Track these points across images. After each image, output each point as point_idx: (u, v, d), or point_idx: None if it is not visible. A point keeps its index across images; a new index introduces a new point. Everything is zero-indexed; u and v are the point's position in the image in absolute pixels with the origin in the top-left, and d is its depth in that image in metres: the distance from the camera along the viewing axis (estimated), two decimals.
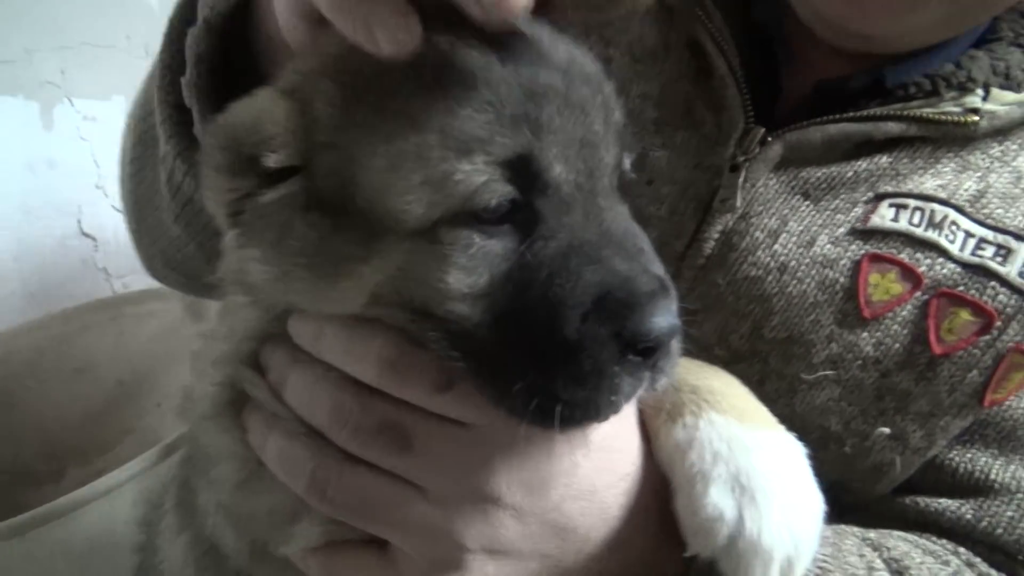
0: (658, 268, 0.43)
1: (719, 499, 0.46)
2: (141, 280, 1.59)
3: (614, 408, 0.42)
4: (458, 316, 0.41)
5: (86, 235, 1.48)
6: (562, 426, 0.41)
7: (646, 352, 0.41)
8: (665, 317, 0.41)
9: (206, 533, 0.54)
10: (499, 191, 0.40)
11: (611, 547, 0.49)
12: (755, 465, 0.46)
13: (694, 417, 0.48)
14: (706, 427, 0.48)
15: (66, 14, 1.36)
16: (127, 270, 1.57)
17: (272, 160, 0.42)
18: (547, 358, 0.41)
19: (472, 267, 0.41)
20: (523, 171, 0.40)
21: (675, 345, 0.43)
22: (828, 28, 0.63)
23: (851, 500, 0.65)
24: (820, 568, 0.54)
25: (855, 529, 0.62)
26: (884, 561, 0.59)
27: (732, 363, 0.64)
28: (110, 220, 1.51)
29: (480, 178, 0.39)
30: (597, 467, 0.48)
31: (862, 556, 0.58)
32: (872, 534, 0.62)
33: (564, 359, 0.40)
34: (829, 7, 0.61)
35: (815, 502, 0.48)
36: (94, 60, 1.42)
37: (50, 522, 0.95)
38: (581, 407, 0.41)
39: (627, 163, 0.46)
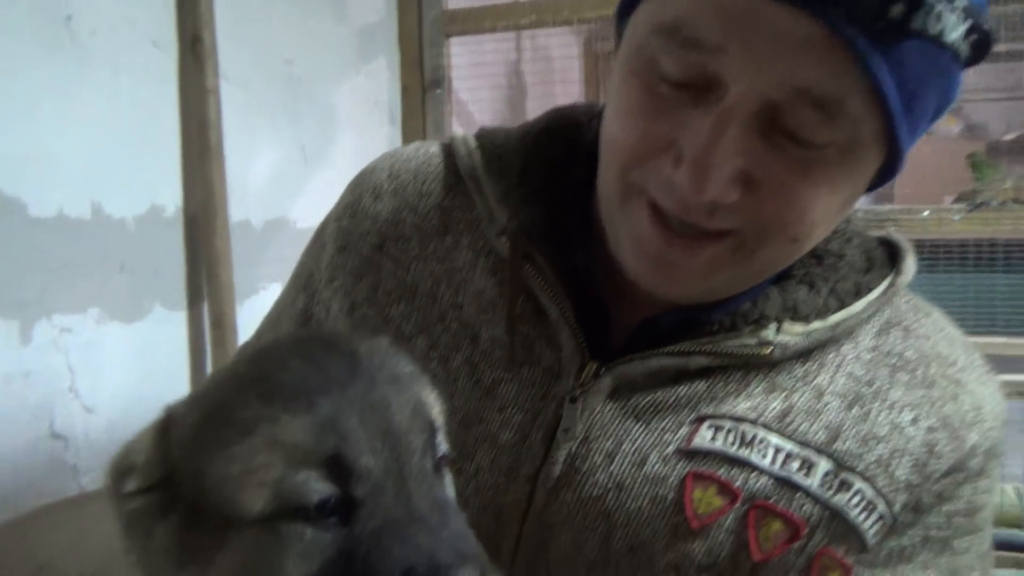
0: (462, 540, 0.51)
1: None
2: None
3: None
4: None
5: (57, 436, 1.59)
6: None
7: None
8: None
9: None
10: (319, 489, 0.49)
11: None
12: None
13: None
14: None
15: (49, 243, 1.52)
16: (95, 466, 1.67)
17: (132, 483, 0.53)
18: None
19: (306, 554, 0.49)
20: (337, 467, 0.49)
21: None
22: (645, 286, 0.73)
23: None
24: None
25: None
26: None
27: (590, 571, 0.73)
28: (80, 420, 1.63)
29: (302, 478, 0.49)
30: None
31: None
32: None
33: None
34: (640, 278, 0.72)
35: None
36: (72, 279, 1.57)
37: None
38: None
39: (443, 444, 0.56)
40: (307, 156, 2.31)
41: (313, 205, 2.24)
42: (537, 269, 0.77)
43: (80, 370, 1.61)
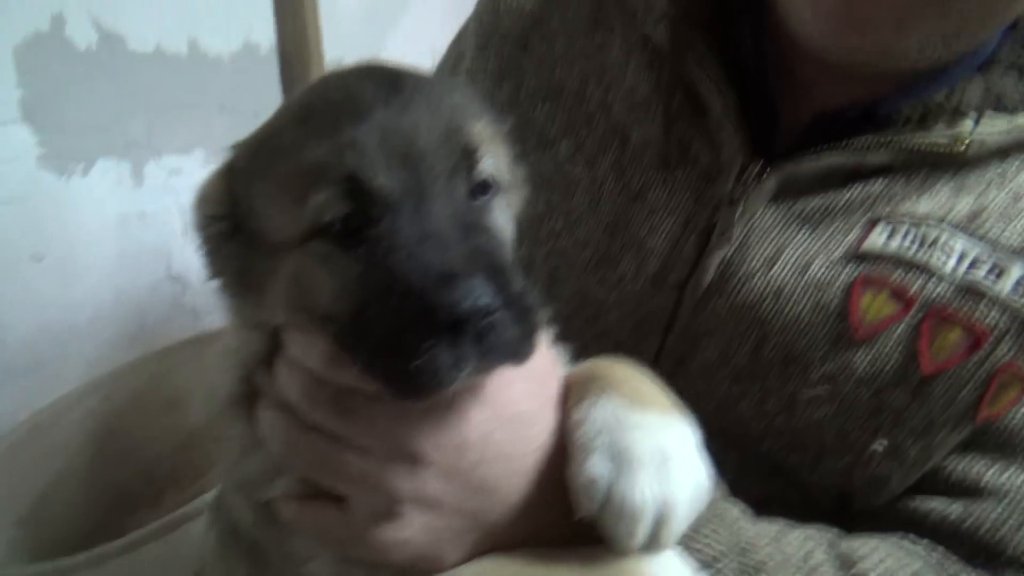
0: (481, 255, 0.48)
1: (597, 465, 0.50)
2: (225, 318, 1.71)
3: (439, 381, 0.46)
4: (334, 314, 0.50)
5: (174, 279, 1.61)
6: (396, 396, 0.48)
7: (455, 328, 0.45)
8: (467, 295, 0.44)
9: (231, 522, 0.65)
10: (334, 207, 0.49)
11: (528, 509, 0.54)
12: (636, 439, 0.51)
13: (594, 398, 0.54)
14: (601, 406, 0.53)
15: (150, 80, 1.48)
16: (213, 308, 1.69)
17: (207, 210, 0.56)
18: (380, 339, 0.47)
19: (333, 273, 0.50)
20: (355, 187, 0.49)
21: (502, 325, 0.46)
22: (828, 51, 0.64)
23: (858, 507, 0.67)
24: (749, 544, 0.59)
25: (832, 531, 0.64)
26: (833, 556, 0.61)
27: (735, 382, 0.68)
28: (195, 263, 1.63)
29: (321, 197, 0.49)
30: (511, 438, 0.54)
31: (803, 545, 0.61)
32: (844, 539, 0.63)
33: (389, 339, 0.47)
34: (820, 31, 0.63)
35: (694, 475, 0.51)
36: (176, 119, 1.55)
37: (156, 540, 1.05)
38: (407, 380, 0.46)
39: (486, 165, 0.53)
40: None
41: (408, 40, 2.13)
42: (699, 59, 0.68)
43: (190, 213, 1.60)
